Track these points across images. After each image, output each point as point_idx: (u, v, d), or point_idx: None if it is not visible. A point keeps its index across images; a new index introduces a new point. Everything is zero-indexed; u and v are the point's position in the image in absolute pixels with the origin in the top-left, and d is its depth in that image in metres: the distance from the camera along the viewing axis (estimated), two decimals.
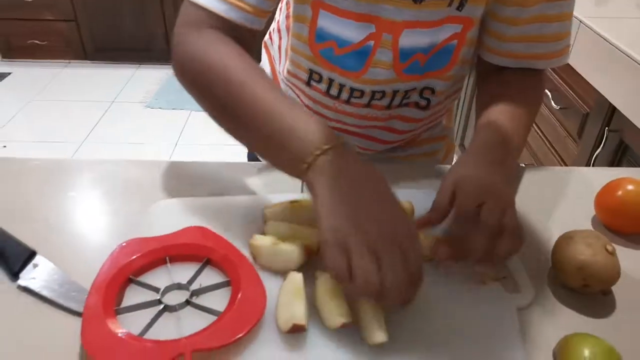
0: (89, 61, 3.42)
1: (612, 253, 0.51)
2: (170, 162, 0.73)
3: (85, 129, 2.80)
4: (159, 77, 3.25)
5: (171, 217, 0.60)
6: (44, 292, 0.51)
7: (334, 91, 0.75)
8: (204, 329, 0.46)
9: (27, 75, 3.31)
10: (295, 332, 0.47)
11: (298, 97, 0.82)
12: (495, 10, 0.68)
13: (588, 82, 1.29)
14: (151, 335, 0.47)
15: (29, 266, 0.54)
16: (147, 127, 2.85)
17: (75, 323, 0.48)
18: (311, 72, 0.75)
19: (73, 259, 0.56)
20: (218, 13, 0.61)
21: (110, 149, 2.63)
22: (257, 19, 0.64)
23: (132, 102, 3.03)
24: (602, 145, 1.25)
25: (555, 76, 1.49)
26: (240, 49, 0.61)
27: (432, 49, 0.69)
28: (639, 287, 0.55)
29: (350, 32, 0.68)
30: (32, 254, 0.55)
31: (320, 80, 0.75)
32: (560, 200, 0.68)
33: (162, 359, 0.43)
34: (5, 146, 2.62)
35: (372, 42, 0.68)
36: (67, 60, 3.43)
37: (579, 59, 1.33)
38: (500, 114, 0.65)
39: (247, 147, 0.64)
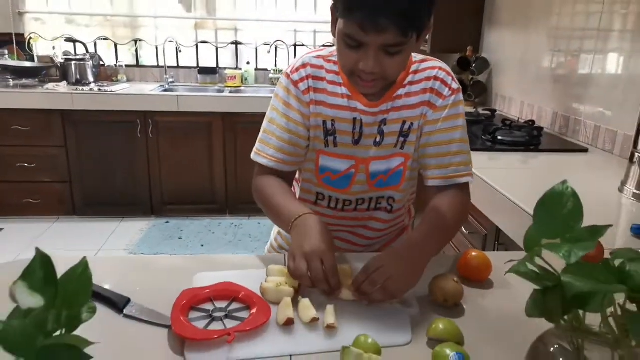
0: (77, 216, 3.80)
1: (458, 282, 0.95)
2: (199, 256, 1.13)
3: None
4: (141, 227, 3.60)
5: (209, 280, 1.00)
6: (142, 317, 0.89)
7: (333, 204, 1.24)
8: (237, 325, 0.85)
9: (18, 230, 3.62)
10: (288, 324, 0.86)
11: None
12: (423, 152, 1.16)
13: (483, 214, 1.81)
14: None
15: (128, 306, 0.92)
16: None
17: (163, 332, 0.85)
18: (317, 194, 1.24)
19: (155, 300, 0.94)
20: (266, 165, 1.16)
21: None
22: (288, 167, 1.16)
23: (116, 250, 3.38)
24: None
25: None
26: (276, 180, 1.15)
27: (389, 172, 1.19)
28: (476, 303, 0.97)
29: (340, 166, 1.18)
30: (128, 300, 0.93)
31: (323, 199, 1.24)
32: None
33: (216, 334, 0.82)
34: None
35: (353, 170, 1.18)
36: (57, 216, 3.81)
37: (477, 197, 1.86)
38: (429, 223, 1.06)
39: (275, 224, 1.18)
